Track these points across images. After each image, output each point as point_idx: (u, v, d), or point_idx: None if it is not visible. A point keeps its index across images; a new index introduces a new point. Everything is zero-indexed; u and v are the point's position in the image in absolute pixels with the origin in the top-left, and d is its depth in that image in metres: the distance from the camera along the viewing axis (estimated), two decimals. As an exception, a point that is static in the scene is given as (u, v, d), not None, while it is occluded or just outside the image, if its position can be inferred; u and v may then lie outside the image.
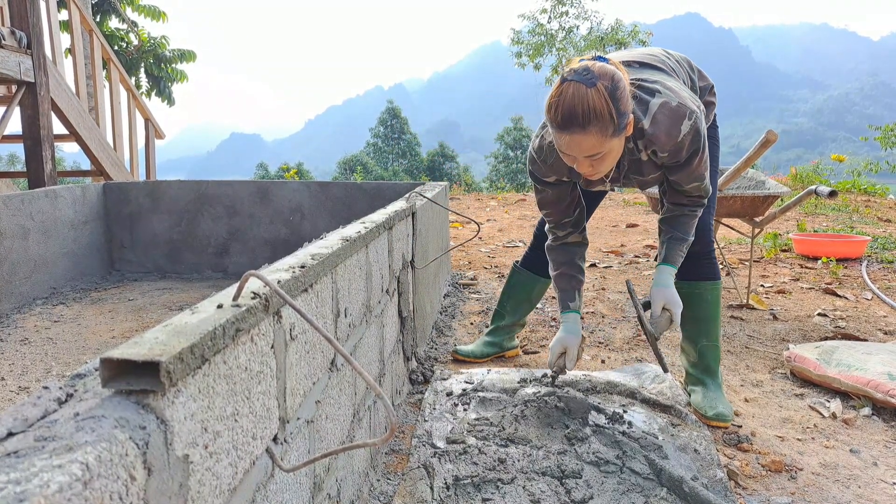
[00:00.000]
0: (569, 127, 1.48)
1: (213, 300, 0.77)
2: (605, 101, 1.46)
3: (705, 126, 1.70)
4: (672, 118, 1.61)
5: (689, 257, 2.01)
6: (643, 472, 1.59)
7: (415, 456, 1.69)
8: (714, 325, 2.04)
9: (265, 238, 4.17)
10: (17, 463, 0.45)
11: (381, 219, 1.69)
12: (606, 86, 1.47)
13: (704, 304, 2.03)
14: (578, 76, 1.47)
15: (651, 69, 1.78)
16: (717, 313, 2.04)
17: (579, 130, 1.47)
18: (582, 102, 1.45)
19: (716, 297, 2.03)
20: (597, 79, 1.46)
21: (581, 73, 1.48)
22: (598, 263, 4.43)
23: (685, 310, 2.05)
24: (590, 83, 1.46)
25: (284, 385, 0.91)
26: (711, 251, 2.04)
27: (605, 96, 1.46)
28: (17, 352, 2.60)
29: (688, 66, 1.95)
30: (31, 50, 4.43)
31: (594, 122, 1.46)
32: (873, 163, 10.64)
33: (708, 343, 2.04)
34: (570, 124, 1.47)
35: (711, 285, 2.02)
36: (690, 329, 2.07)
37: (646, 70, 1.76)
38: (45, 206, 3.51)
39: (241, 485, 0.76)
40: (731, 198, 3.09)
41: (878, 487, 1.60)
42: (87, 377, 0.61)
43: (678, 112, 1.60)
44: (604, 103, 1.46)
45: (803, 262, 4.42)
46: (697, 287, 2.02)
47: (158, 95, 10.96)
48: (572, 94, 1.46)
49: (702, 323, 2.04)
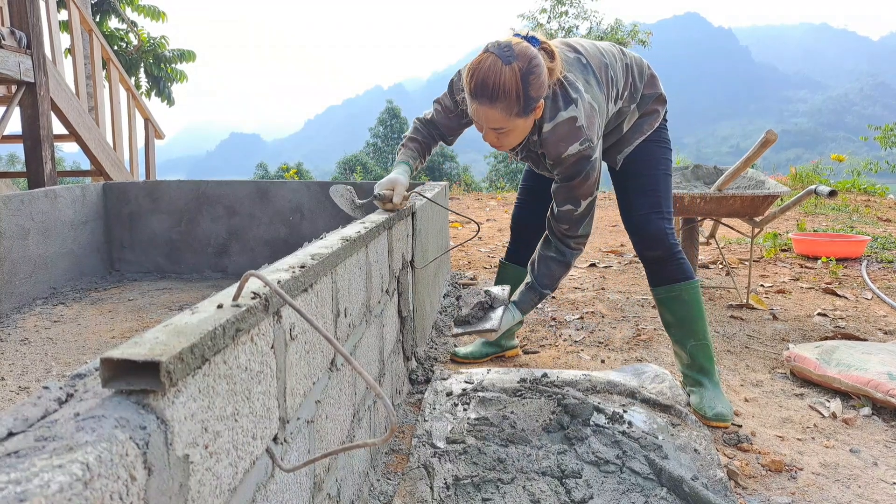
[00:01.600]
0: (478, 97, 1.54)
1: (213, 300, 0.77)
2: (516, 81, 1.51)
3: (599, 158, 1.77)
4: (568, 134, 1.66)
5: (655, 264, 2.03)
6: (643, 471, 1.59)
7: (415, 456, 1.69)
8: (699, 324, 2.02)
9: (265, 238, 4.17)
10: (18, 463, 0.45)
11: (381, 219, 1.69)
12: (521, 67, 1.52)
13: (684, 305, 2.01)
14: (499, 50, 1.53)
15: (587, 73, 1.77)
16: (699, 312, 2.02)
17: (487, 102, 1.54)
18: (494, 77, 1.51)
19: (693, 296, 2.01)
20: (514, 58, 1.51)
21: (503, 48, 1.53)
22: (598, 263, 4.43)
23: (668, 315, 2.07)
24: (506, 60, 1.51)
25: (284, 385, 0.91)
26: (676, 253, 2.01)
27: (517, 76, 1.51)
28: (17, 352, 2.60)
29: (637, 72, 1.94)
30: (31, 50, 4.43)
31: (501, 99, 1.53)
32: (873, 162, 10.64)
33: (696, 343, 2.02)
34: (480, 95, 1.54)
35: (686, 286, 2.00)
36: (676, 332, 2.06)
37: (581, 72, 1.76)
38: (44, 206, 3.51)
39: (241, 485, 0.76)
40: (731, 198, 3.09)
41: (878, 487, 1.60)
42: (88, 377, 0.61)
43: (575, 133, 1.66)
44: (514, 83, 1.51)
45: (803, 261, 4.42)
46: (672, 290, 2.01)
47: (158, 95, 10.95)
48: (489, 66, 1.52)
49: (686, 324, 2.03)
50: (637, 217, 2.00)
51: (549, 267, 1.90)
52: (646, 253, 2.04)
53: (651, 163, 1.99)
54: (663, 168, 2.00)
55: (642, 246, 2.03)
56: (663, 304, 2.05)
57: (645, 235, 2.00)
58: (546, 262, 1.91)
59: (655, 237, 1.98)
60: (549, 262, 1.90)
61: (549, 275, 1.91)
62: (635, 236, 2.03)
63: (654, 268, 2.04)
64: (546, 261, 1.91)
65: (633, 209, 2.01)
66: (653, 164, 1.99)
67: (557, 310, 3.26)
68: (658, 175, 1.99)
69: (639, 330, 2.90)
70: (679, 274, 2.01)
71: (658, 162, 2.00)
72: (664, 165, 2.01)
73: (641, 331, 2.88)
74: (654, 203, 1.98)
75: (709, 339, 2.04)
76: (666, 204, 2.01)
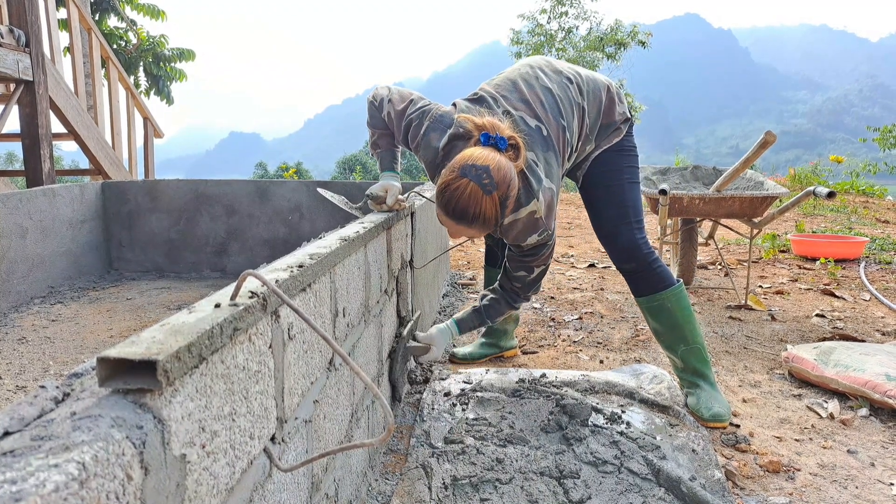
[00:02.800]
0: (457, 220, 1.59)
1: (211, 299, 0.76)
2: (495, 208, 1.57)
3: (554, 236, 1.83)
4: (527, 227, 1.73)
5: (634, 276, 2.03)
6: (641, 472, 1.59)
7: (413, 456, 1.69)
8: (688, 329, 2.00)
9: (264, 237, 4.17)
10: (14, 462, 0.45)
11: (380, 218, 1.69)
12: (501, 196, 1.56)
13: (668, 313, 1.99)
14: (477, 178, 1.53)
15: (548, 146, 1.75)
16: (685, 317, 1.99)
17: (465, 224, 1.59)
18: (475, 206, 1.54)
19: (677, 302, 1.98)
20: (495, 188, 1.54)
21: (481, 175, 1.53)
22: (597, 264, 4.43)
23: (654, 323, 2.06)
24: (486, 191, 1.53)
25: (282, 385, 0.91)
26: (651, 262, 1.98)
27: (496, 205, 1.56)
28: (15, 351, 2.60)
29: (594, 113, 1.89)
30: (30, 48, 4.43)
31: (480, 223, 1.58)
32: (872, 164, 10.66)
33: (687, 347, 2.01)
34: (460, 219, 1.58)
35: (668, 293, 1.98)
36: (665, 339, 2.05)
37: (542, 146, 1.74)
38: (43, 204, 3.50)
39: (238, 484, 0.75)
40: (730, 198, 3.09)
41: (875, 488, 1.61)
42: (84, 376, 0.61)
43: (535, 226, 1.72)
44: (493, 211, 1.56)
45: (802, 262, 4.43)
46: (655, 299, 1.99)
47: (157, 94, 10.94)
48: (469, 195, 1.53)
49: (674, 330, 2.01)
50: (606, 230, 1.99)
51: (499, 309, 2.03)
52: (621, 265, 2.02)
53: (614, 173, 1.95)
54: (627, 176, 1.96)
55: (616, 258, 2.01)
56: (648, 313, 2.04)
57: (616, 247, 1.98)
58: (498, 305, 2.02)
59: (627, 249, 1.96)
60: (501, 305, 2.02)
61: (498, 313, 2.03)
62: (608, 248, 2.02)
63: (633, 279, 2.02)
64: (498, 304, 2.02)
65: (601, 222, 2.00)
66: (616, 173, 1.95)
67: (556, 310, 3.26)
68: (623, 184, 1.95)
69: (637, 330, 2.90)
70: (658, 283, 1.98)
71: (621, 171, 1.96)
72: (628, 174, 1.97)
73: (640, 331, 2.88)
74: (621, 214, 1.95)
75: (700, 341, 2.02)
76: (634, 213, 1.97)
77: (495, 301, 2.02)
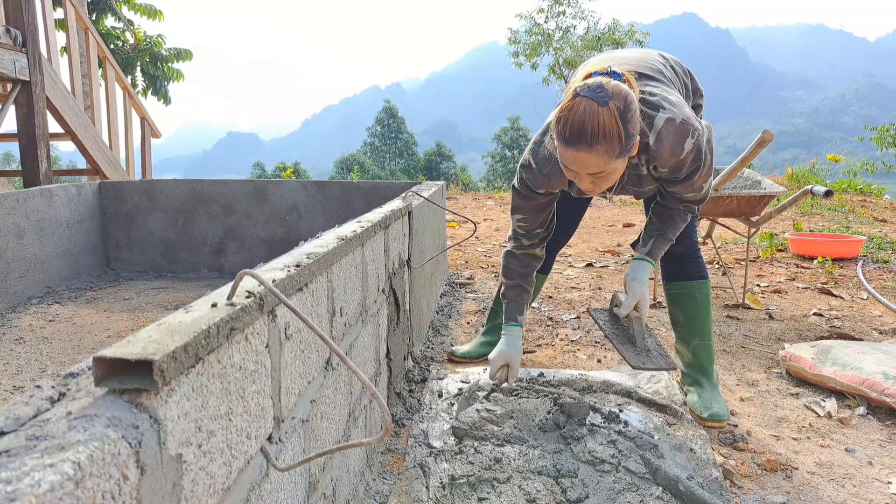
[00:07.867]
0: (576, 143, 1.45)
1: (208, 299, 0.76)
2: (615, 122, 1.43)
3: (708, 141, 1.67)
4: (676, 135, 1.58)
5: (675, 259, 2.02)
6: (639, 471, 1.59)
7: (411, 455, 1.69)
8: (706, 324, 2.05)
9: (261, 237, 4.16)
10: (9, 462, 0.44)
11: (378, 218, 1.69)
12: (619, 107, 1.43)
13: (695, 303, 2.03)
14: (592, 93, 1.43)
15: (652, 80, 1.72)
16: (707, 312, 2.05)
17: (585, 148, 1.44)
18: (592, 121, 1.41)
19: (705, 295, 2.04)
20: (610, 98, 1.43)
21: (595, 89, 1.44)
22: (595, 263, 4.43)
23: (677, 311, 2.08)
24: (602, 102, 1.42)
25: (279, 384, 0.91)
26: (696, 251, 2.04)
27: (616, 117, 1.42)
28: (12, 351, 2.59)
29: (682, 71, 1.92)
30: (27, 48, 4.42)
31: (602, 142, 1.43)
32: (869, 163, 10.67)
33: (700, 342, 2.05)
34: (578, 141, 1.44)
35: (700, 284, 2.03)
36: (683, 330, 2.08)
37: (647, 81, 1.71)
38: (40, 204, 3.50)
39: (235, 484, 0.75)
40: (728, 197, 3.09)
41: (872, 487, 1.61)
42: (80, 376, 0.61)
43: (682, 129, 1.58)
44: (614, 124, 1.42)
45: (799, 261, 4.43)
46: (687, 287, 2.03)
47: (154, 94, 10.94)
48: (583, 110, 1.42)
49: (694, 323, 2.04)
50: None
51: (677, 225, 1.83)
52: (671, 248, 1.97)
53: None
54: None
55: None
56: (675, 300, 2.05)
57: None
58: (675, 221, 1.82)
59: (684, 233, 1.96)
60: (679, 219, 1.83)
61: (680, 226, 1.84)
62: None
63: (674, 262, 2.02)
64: (676, 219, 1.82)
65: None
66: None
67: (554, 309, 3.26)
68: None
69: (635, 329, 2.90)
70: (696, 272, 2.02)
71: None
72: None
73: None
74: None
75: (712, 340, 2.07)
76: None
77: (671, 221, 1.80)
